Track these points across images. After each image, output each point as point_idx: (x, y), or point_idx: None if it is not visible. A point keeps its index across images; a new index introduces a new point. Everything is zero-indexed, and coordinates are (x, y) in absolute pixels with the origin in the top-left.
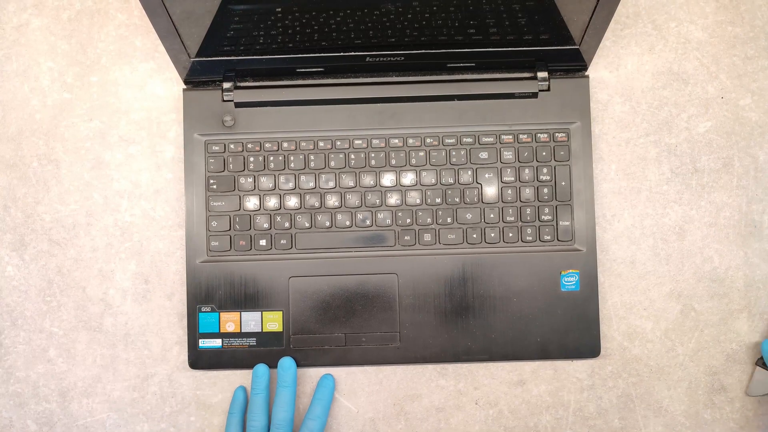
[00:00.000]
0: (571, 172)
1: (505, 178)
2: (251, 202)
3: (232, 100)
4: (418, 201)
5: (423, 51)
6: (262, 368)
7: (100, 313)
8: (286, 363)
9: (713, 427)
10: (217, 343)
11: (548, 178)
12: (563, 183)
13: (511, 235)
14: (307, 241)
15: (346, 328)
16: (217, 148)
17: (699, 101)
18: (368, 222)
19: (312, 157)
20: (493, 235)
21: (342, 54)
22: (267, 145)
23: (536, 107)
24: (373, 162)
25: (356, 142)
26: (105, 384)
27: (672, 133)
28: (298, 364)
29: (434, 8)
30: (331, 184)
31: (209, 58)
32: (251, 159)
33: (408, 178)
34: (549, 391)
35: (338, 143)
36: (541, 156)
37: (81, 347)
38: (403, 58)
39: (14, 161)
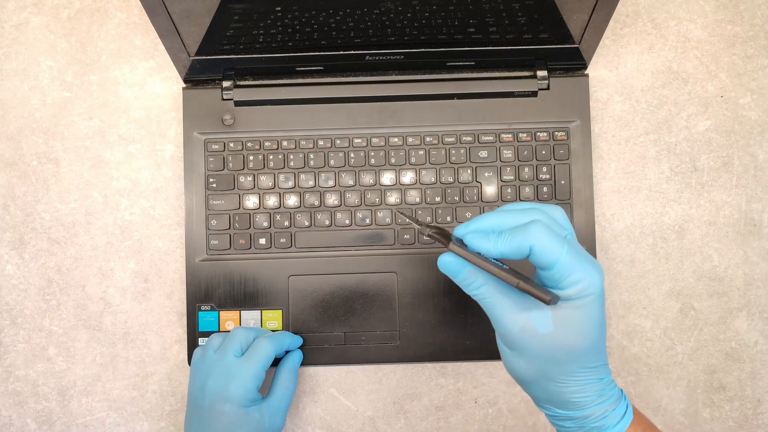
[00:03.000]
0: (570, 171)
1: (505, 177)
2: (251, 201)
3: (232, 99)
4: (417, 200)
5: (422, 50)
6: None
7: (99, 312)
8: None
9: (712, 426)
10: None
11: (548, 176)
12: (563, 182)
13: None
14: (306, 240)
15: (345, 326)
16: (216, 146)
17: (699, 100)
18: (368, 221)
19: (311, 156)
20: None
21: (341, 53)
22: (266, 143)
23: (536, 106)
24: (372, 161)
25: (356, 140)
26: (104, 382)
27: (672, 132)
28: None
29: (434, 7)
30: (331, 182)
31: (209, 57)
32: (251, 158)
33: (407, 177)
34: None
35: (338, 142)
36: (540, 155)
37: (80, 346)
38: (402, 57)
39: (14, 160)
